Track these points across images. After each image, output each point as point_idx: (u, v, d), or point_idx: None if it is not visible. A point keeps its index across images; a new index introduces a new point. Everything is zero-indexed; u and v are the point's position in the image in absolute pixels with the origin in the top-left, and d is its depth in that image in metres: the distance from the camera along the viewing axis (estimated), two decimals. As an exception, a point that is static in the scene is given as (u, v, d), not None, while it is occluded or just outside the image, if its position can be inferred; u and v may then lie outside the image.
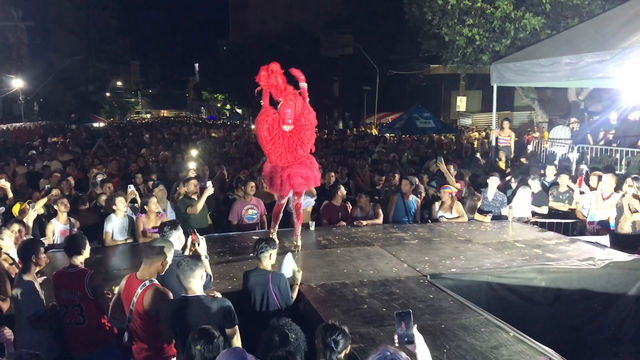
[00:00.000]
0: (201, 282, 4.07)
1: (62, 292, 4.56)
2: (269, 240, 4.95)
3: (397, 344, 2.91)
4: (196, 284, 4.02)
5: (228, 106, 67.41)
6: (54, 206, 7.27)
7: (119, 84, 79.64)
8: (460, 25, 15.18)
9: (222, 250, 6.66)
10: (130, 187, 7.96)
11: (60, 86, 44.01)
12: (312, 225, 7.71)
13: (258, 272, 4.82)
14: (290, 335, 3.48)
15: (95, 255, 5.94)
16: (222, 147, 17.49)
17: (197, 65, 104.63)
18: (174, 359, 4.25)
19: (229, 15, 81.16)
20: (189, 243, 5.13)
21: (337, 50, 42.46)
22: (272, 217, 6.89)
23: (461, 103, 26.70)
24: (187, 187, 8.07)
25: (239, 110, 62.31)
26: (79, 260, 4.64)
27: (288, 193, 6.56)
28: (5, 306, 4.79)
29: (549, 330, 5.44)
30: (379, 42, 33.45)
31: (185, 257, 4.29)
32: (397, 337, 2.94)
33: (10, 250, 5.57)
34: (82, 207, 7.75)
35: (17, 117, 37.52)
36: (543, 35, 14.06)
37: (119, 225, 7.10)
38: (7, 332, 3.92)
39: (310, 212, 8.31)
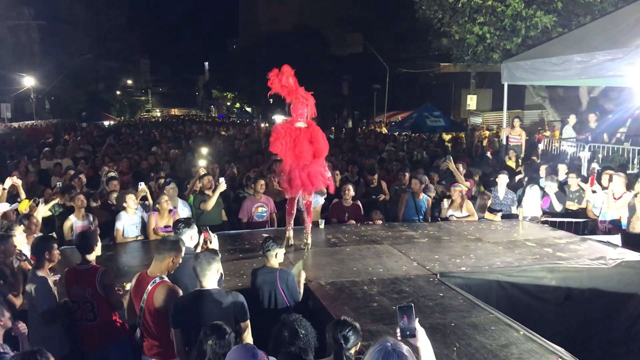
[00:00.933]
0: (217, 276, 4.11)
1: (73, 289, 4.61)
2: (275, 239, 4.99)
3: (399, 337, 2.91)
4: (212, 277, 4.06)
5: (237, 105, 67.55)
6: (70, 203, 7.32)
7: (129, 82, 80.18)
8: (471, 24, 15.10)
9: (232, 248, 6.68)
10: (141, 185, 8.01)
11: (71, 84, 44.34)
12: (321, 224, 7.71)
13: (265, 270, 4.85)
14: (300, 331, 3.50)
15: (106, 252, 5.97)
16: (232, 145, 17.54)
17: (207, 64, 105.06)
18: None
19: (239, 14, 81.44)
20: (202, 241, 5.17)
21: (347, 49, 42.41)
22: (286, 215, 6.90)
23: (471, 101, 26.62)
24: (202, 183, 8.12)
25: (248, 109, 62.41)
26: (91, 257, 4.68)
27: (312, 193, 6.63)
28: (18, 302, 4.84)
29: (559, 330, 5.41)
30: (388, 40, 33.43)
31: (200, 253, 4.32)
32: (399, 331, 2.94)
33: (22, 247, 5.61)
34: (94, 204, 7.81)
35: (29, 115, 37.82)
36: (554, 34, 13.93)
37: (130, 222, 7.14)
38: (22, 325, 3.96)
39: (319, 211, 8.32)
